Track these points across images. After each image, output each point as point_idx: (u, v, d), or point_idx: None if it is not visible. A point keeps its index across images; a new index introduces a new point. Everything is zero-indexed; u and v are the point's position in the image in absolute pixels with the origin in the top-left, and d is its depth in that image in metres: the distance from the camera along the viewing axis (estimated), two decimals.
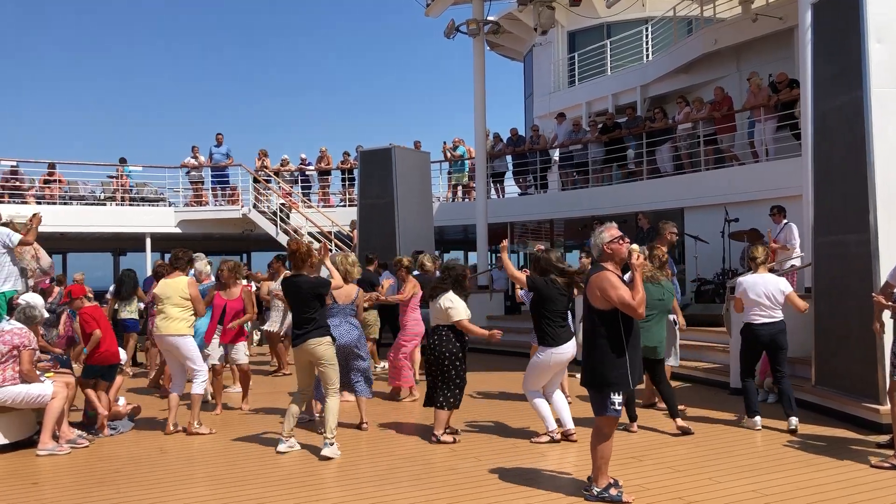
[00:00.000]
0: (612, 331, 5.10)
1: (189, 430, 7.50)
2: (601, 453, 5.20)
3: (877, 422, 6.94)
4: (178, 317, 7.58)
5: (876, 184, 7.06)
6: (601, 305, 5.09)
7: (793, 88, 12.92)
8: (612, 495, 5.14)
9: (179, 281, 7.71)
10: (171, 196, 21.25)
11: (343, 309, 7.75)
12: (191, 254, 8.10)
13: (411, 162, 16.39)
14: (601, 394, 5.14)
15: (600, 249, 5.22)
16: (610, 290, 5.01)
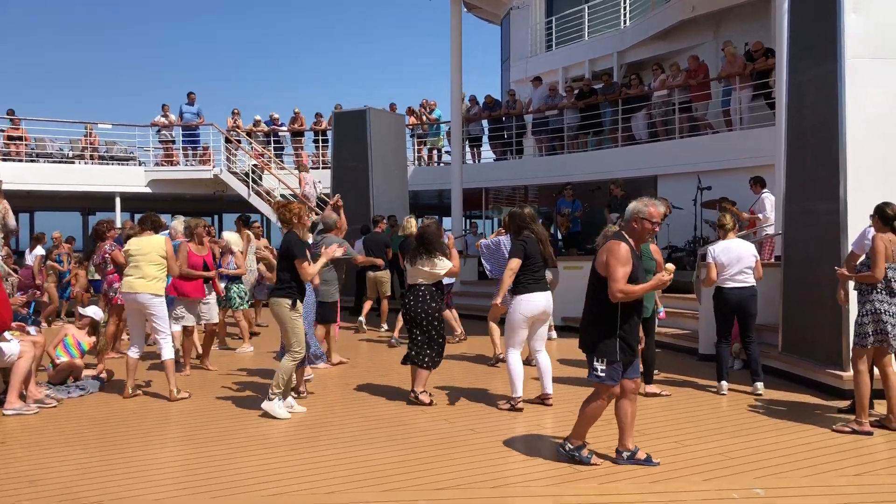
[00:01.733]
0: (608, 298, 4.99)
1: (171, 398, 7.35)
2: (584, 414, 5.22)
3: (840, 388, 7.08)
4: (155, 276, 7.44)
5: (847, 154, 7.11)
6: (602, 272, 5.03)
7: (768, 58, 12.96)
8: (583, 456, 5.21)
9: (156, 238, 7.57)
10: (142, 155, 20.92)
11: None
12: (160, 220, 7.88)
13: (386, 125, 16.27)
14: (588, 358, 5.16)
15: (630, 217, 5.12)
16: (612, 261, 4.93)
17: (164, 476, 5.15)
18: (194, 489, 4.87)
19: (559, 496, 4.71)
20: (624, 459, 5.25)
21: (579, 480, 4.96)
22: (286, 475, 5.11)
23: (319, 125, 21.09)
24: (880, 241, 5.93)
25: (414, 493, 4.76)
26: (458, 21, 17.10)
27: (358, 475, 5.09)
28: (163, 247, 7.52)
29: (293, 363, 6.71)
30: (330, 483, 4.96)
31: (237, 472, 5.19)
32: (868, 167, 7.08)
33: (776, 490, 4.74)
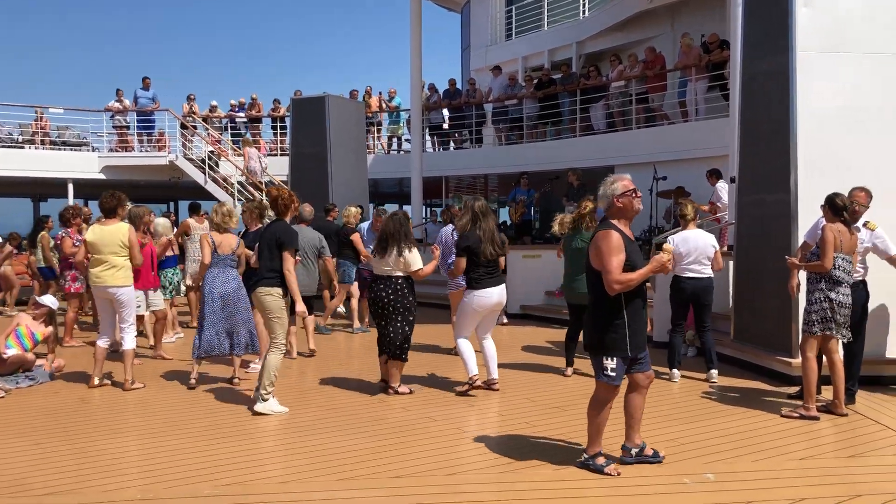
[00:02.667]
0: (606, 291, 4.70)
1: (126, 387, 7.23)
2: (592, 420, 4.92)
3: (789, 374, 7.24)
4: (120, 266, 7.24)
5: (798, 145, 7.25)
6: (597, 265, 4.73)
7: (724, 49, 13.13)
8: (597, 465, 4.88)
9: (119, 227, 7.31)
10: (95, 141, 20.50)
11: (223, 259, 7.43)
12: (119, 196, 7.52)
13: (346, 112, 16.13)
14: (596, 357, 4.84)
15: (610, 202, 4.82)
16: (604, 252, 4.62)
17: (117, 466, 5.07)
18: (147, 479, 4.81)
19: (513, 482, 4.74)
20: (632, 457, 5.04)
21: (533, 468, 5.00)
22: (241, 464, 5.07)
23: (277, 112, 20.87)
24: (830, 232, 6.06)
25: (370, 482, 4.76)
26: (417, 9, 17.03)
27: (313, 464, 5.08)
28: (125, 237, 7.26)
29: (279, 356, 6.51)
30: (285, 472, 4.94)
31: (192, 461, 5.14)
32: (818, 159, 7.22)
33: (726, 475, 4.84)
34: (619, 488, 4.63)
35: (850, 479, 4.75)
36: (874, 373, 7.17)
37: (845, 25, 7.29)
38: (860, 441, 5.56)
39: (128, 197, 7.80)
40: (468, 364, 6.98)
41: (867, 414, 6.23)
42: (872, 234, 6.56)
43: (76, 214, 9.85)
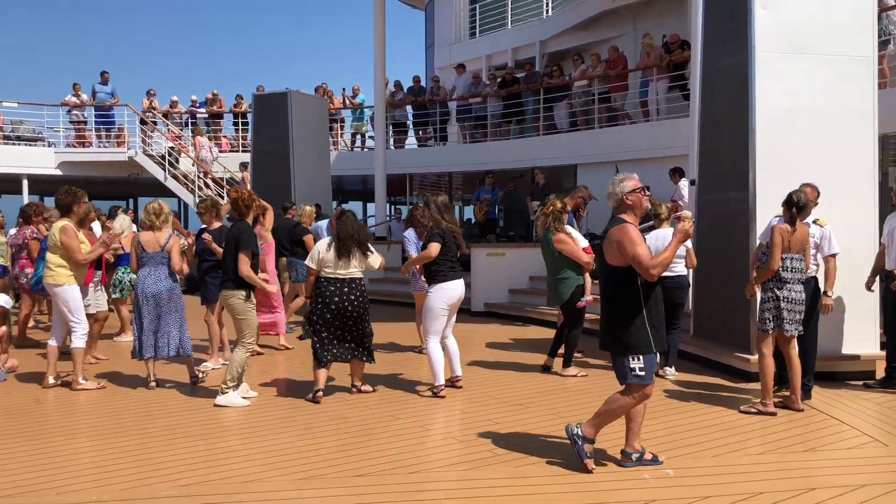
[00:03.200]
0: (630, 289, 4.67)
1: (74, 387, 7.11)
2: (609, 408, 4.86)
3: (748, 371, 7.36)
4: (56, 263, 7.12)
5: (756, 144, 7.36)
6: (618, 261, 4.67)
7: (684, 50, 13.29)
8: (582, 449, 4.84)
9: (55, 226, 7.19)
10: (51, 136, 20.10)
11: (153, 257, 7.21)
12: (75, 192, 7.37)
13: (308, 108, 16.01)
14: (621, 358, 4.76)
15: (619, 199, 4.83)
16: (627, 245, 4.58)
17: (73, 467, 4.98)
18: (104, 480, 4.72)
19: (474, 480, 4.75)
20: (633, 461, 4.95)
21: (495, 465, 5.01)
22: (201, 464, 5.01)
23: (239, 107, 20.66)
24: (777, 234, 6.17)
25: (332, 481, 4.73)
26: (381, 5, 16.97)
27: (275, 463, 5.03)
28: (55, 236, 7.08)
29: (246, 354, 6.65)
30: (246, 472, 4.88)
31: (151, 461, 5.06)
32: (776, 158, 7.34)
33: (685, 470, 4.90)
34: (580, 484, 4.66)
35: (806, 473, 4.84)
36: (830, 368, 7.32)
37: (802, 28, 7.42)
38: (816, 436, 5.67)
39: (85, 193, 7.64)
40: (437, 372, 6.92)
41: (823, 409, 6.36)
42: (822, 231, 6.69)
43: (38, 212, 9.64)
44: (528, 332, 10.71)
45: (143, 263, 7.22)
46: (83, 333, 7.24)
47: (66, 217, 7.26)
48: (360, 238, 6.84)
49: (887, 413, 6.28)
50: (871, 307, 7.38)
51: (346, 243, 6.77)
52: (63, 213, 7.28)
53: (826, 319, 7.14)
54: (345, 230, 6.82)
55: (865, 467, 5.01)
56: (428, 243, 6.90)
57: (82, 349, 7.26)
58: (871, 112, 7.46)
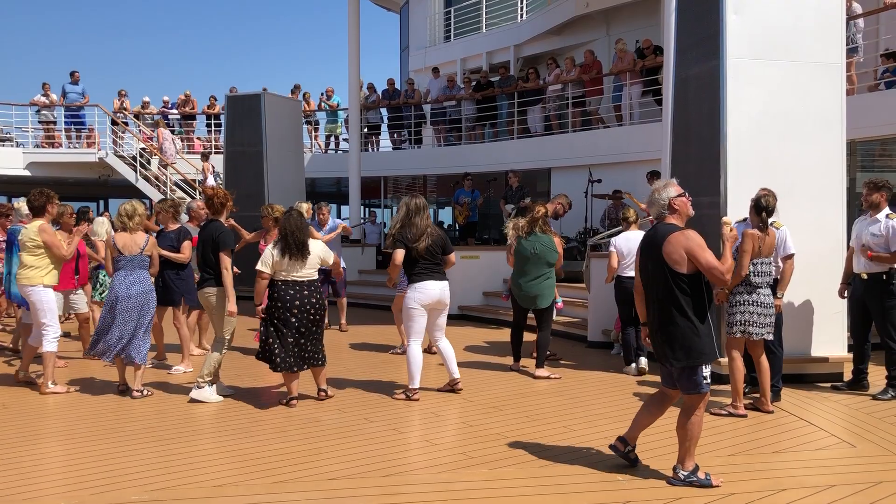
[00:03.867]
0: (697, 296, 4.56)
1: (42, 391, 7.00)
2: (690, 433, 4.67)
3: (719, 373, 7.40)
4: (30, 265, 7.02)
5: (728, 149, 7.43)
6: (685, 269, 4.53)
7: (657, 55, 13.42)
8: (701, 479, 4.66)
9: (31, 226, 7.11)
10: (20, 136, 19.79)
11: (131, 260, 7.01)
12: (48, 194, 7.24)
13: (282, 110, 15.92)
14: (690, 369, 4.61)
15: (665, 205, 4.70)
16: (698, 252, 4.49)
17: (41, 473, 4.90)
18: (73, 485, 4.65)
19: (449, 482, 4.75)
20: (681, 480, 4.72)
21: (470, 467, 5.01)
22: (172, 469, 4.95)
23: (213, 109, 20.50)
24: (749, 240, 6.24)
25: (304, 484, 4.70)
26: (356, 8, 16.94)
27: (246, 467, 4.99)
28: (34, 235, 7.02)
29: (223, 352, 6.79)
30: (217, 476, 4.84)
31: (121, 466, 4.99)
32: (748, 163, 7.42)
33: (657, 472, 4.93)
34: (553, 486, 4.68)
35: (775, 474, 4.89)
36: (799, 371, 7.42)
37: (773, 34, 7.51)
38: (785, 437, 5.74)
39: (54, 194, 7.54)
40: (413, 375, 6.89)
41: (792, 411, 6.44)
42: (779, 233, 6.76)
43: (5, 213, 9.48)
44: (502, 334, 10.73)
45: (119, 267, 7.04)
46: (54, 337, 7.14)
47: (40, 218, 7.17)
48: (296, 238, 6.53)
49: (855, 414, 6.37)
50: (838, 310, 7.49)
51: (288, 242, 6.52)
52: (36, 214, 7.18)
53: (795, 322, 7.24)
54: (290, 229, 6.54)
55: (834, 468, 5.08)
56: (392, 250, 6.86)
57: (53, 353, 7.14)
58: (840, 118, 7.57)
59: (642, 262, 4.80)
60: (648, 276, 4.73)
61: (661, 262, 4.58)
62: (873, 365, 7.27)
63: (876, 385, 7.08)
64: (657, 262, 4.61)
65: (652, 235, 4.72)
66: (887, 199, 7.05)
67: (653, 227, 4.78)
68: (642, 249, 4.81)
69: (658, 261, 4.60)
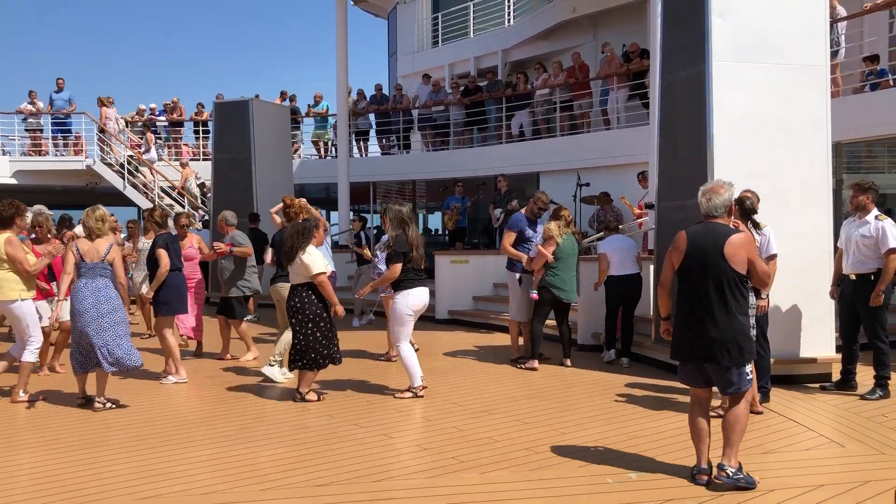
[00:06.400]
0: (745, 297, 4.70)
1: (13, 399, 6.93)
2: (739, 428, 4.71)
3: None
4: (2, 278, 6.85)
5: (714, 152, 7.46)
6: (744, 270, 4.64)
7: (644, 59, 13.47)
8: (746, 478, 4.64)
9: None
10: (6, 144, 19.68)
11: (92, 268, 6.76)
12: (17, 205, 7.10)
13: (270, 116, 15.93)
14: (740, 368, 4.68)
15: (727, 206, 4.80)
16: (754, 254, 4.67)
17: (23, 482, 4.86)
18: (58, 495, 4.61)
19: (441, 487, 4.74)
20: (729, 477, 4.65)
21: (461, 471, 5.01)
22: (160, 476, 4.93)
23: (201, 116, 20.45)
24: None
25: (294, 490, 4.69)
26: (343, 14, 16.95)
27: (236, 474, 4.97)
28: (2, 249, 6.80)
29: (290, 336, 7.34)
30: (206, 483, 4.82)
31: (107, 475, 4.96)
32: (733, 165, 7.44)
33: (647, 473, 4.94)
34: (544, 489, 4.68)
35: (765, 475, 4.89)
36: (788, 372, 7.45)
37: (758, 37, 7.55)
38: (774, 438, 5.76)
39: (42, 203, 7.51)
40: (413, 373, 7.10)
41: (781, 411, 6.46)
42: (761, 234, 6.76)
43: None
44: (493, 338, 10.74)
45: (81, 274, 6.78)
46: (36, 348, 7.06)
47: (9, 230, 6.98)
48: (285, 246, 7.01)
49: (843, 415, 6.41)
50: (827, 311, 7.53)
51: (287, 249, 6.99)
52: (5, 225, 6.98)
53: (783, 324, 7.27)
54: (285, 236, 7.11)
55: (823, 468, 5.10)
56: (390, 263, 7.09)
57: (32, 364, 7.07)
58: (825, 120, 7.62)
59: (687, 260, 4.74)
60: (694, 273, 4.70)
61: (720, 261, 4.60)
62: (861, 365, 7.30)
63: (864, 385, 7.11)
64: (715, 260, 4.62)
65: (708, 234, 4.71)
66: (874, 200, 7.09)
67: (704, 226, 4.78)
68: (692, 246, 4.72)
69: (717, 259, 4.61)
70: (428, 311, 12.19)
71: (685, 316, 4.78)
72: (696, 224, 4.86)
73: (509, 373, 8.31)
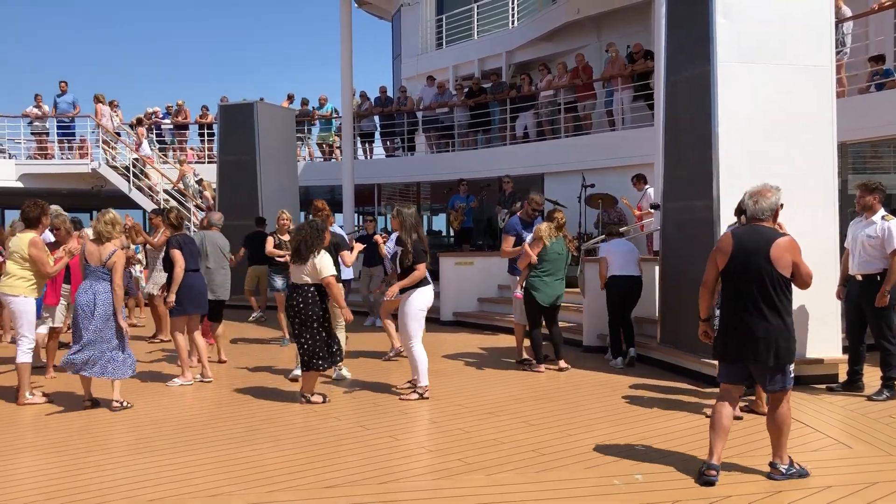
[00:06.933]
0: (789, 299, 4.85)
1: (19, 401, 6.96)
2: (785, 426, 4.87)
3: (712, 375, 7.41)
4: (13, 273, 7.02)
5: (719, 153, 7.46)
6: (789, 271, 4.77)
7: (648, 59, 13.46)
8: (800, 470, 4.84)
9: (23, 238, 7.07)
10: (12, 148, 19.75)
11: (94, 271, 6.82)
12: (42, 205, 7.23)
13: (275, 119, 15.97)
14: (783, 368, 4.86)
15: (774, 210, 4.92)
16: (800, 260, 4.78)
17: (29, 485, 4.87)
18: (61, 498, 4.62)
19: (448, 489, 4.74)
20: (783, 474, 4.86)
21: (468, 473, 5.01)
22: (166, 479, 4.93)
23: (206, 118, 20.50)
24: None
25: (301, 493, 4.69)
26: (347, 16, 16.96)
27: (242, 476, 4.98)
28: (24, 247, 6.99)
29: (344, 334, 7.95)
30: (213, 485, 4.82)
31: (113, 478, 4.97)
32: (739, 166, 7.45)
33: (654, 475, 4.94)
34: (551, 490, 4.68)
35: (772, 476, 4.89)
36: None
37: (762, 37, 7.55)
38: None
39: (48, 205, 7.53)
40: (422, 373, 7.15)
41: None
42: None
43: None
44: (498, 340, 10.73)
45: (85, 276, 6.91)
46: (29, 348, 7.10)
47: (34, 229, 7.15)
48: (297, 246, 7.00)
49: (850, 415, 6.39)
50: (833, 311, 7.51)
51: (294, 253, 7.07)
52: (31, 225, 7.16)
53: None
54: (298, 235, 7.07)
55: (830, 469, 5.08)
56: (416, 263, 7.17)
57: (28, 364, 7.09)
58: (830, 120, 7.61)
59: (732, 262, 4.84)
60: (738, 274, 4.82)
61: (765, 263, 4.72)
62: (868, 366, 7.28)
63: (871, 386, 7.09)
64: (759, 262, 4.74)
65: (753, 236, 4.82)
66: (880, 200, 7.07)
67: (750, 228, 4.90)
68: (737, 248, 4.82)
69: (761, 261, 4.73)
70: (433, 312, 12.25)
71: (730, 316, 4.90)
72: (742, 226, 4.99)
73: (515, 375, 8.30)
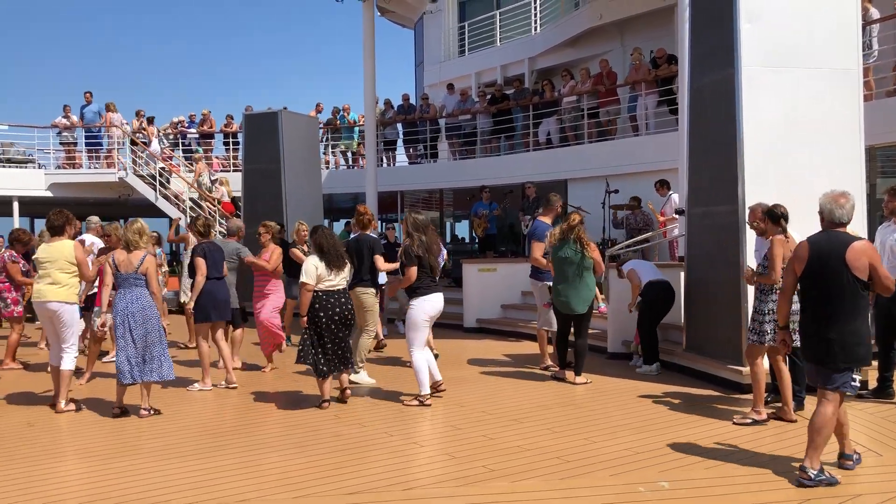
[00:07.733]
0: (866, 303, 4.88)
1: (57, 409, 7.03)
2: (828, 434, 4.88)
3: (739, 382, 7.37)
4: (65, 282, 7.07)
5: (745, 158, 7.41)
6: (865, 274, 4.78)
7: (671, 64, 13.40)
8: (829, 478, 4.81)
9: (65, 244, 7.16)
10: (42, 158, 20.07)
11: (126, 278, 6.92)
12: (67, 214, 7.34)
13: (299, 128, 16.07)
14: (846, 371, 4.82)
15: (850, 216, 4.97)
16: (878, 263, 4.81)
17: (65, 491, 4.94)
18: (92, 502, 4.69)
19: (472, 496, 4.74)
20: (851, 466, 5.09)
21: (491, 479, 5.01)
22: (196, 485, 4.98)
23: (230, 127, 20.69)
24: (778, 246, 6.17)
25: (326, 499, 4.72)
26: (370, 25, 17.05)
27: (269, 482, 5.01)
28: (72, 253, 7.13)
29: (370, 339, 8.39)
30: (240, 491, 4.86)
31: (141, 484, 5.02)
32: (764, 171, 7.40)
33: (680, 482, 4.91)
34: (575, 498, 4.66)
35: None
36: None
37: (787, 42, 7.50)
38: None
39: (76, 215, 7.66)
40: (422, 384, 7.18)
41: None
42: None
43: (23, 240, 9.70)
44: (521, 347, 10.71)
45: (119, 284, 7.00)
46: (74, 356, 7.18)
47: (60, 238, 7.24)
48: (341, 250, 7.27)
49: (880, 423, 6.30)
50: None
51: (331, 255, 7.11)
52: (56, 234, 7.24)
53: None
54: (329, 243, 7.17)
55: (860, 477, 5.02)
56: (406, 267, 7.23)
57: (71, 372, 7.18)
58: (858, 124, 7.53)
59: (809, 267, 4.91)
60: (815, 279, 4.88)
61: (842, 267, 4.76)
62: None
63: None
64: (836, 266, 4.78)
65: (829, 240, 4.89)
66: None
67: (826, 233, 4.96)
68: (814, 253, 4.89)
69: (837, 265, 4.78)
70: (456, 319, 12.34)
71: (808, 322, 4.97)
72: (817, 233, 5.02)
73: (539, 381, 8.28)
